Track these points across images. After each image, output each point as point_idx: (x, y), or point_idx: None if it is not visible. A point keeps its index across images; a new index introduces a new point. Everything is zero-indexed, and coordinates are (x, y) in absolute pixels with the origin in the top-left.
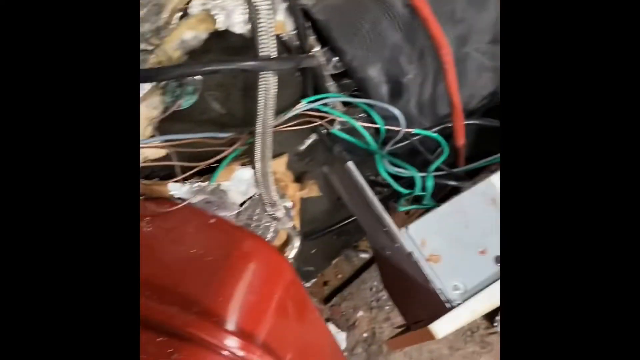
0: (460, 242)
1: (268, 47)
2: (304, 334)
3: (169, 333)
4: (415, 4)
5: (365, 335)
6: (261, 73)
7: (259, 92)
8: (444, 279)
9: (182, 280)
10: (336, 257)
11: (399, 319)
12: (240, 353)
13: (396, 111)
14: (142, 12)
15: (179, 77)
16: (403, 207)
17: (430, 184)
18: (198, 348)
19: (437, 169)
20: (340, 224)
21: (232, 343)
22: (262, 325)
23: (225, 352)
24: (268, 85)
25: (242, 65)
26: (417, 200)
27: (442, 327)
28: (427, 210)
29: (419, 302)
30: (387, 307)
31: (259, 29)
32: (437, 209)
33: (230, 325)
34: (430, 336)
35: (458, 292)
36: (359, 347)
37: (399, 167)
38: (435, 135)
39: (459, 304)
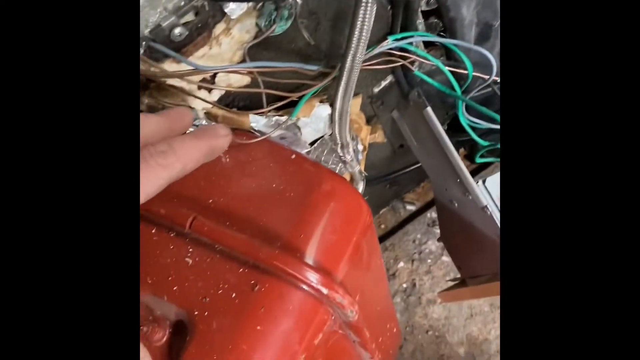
0: None
1: None
2: (370, 277)
3: (252, 265)
4: None
5: (405, 285)
6: None
7: (355, 23)
8: None
9: (263, 213)
10: (384, 207)
11: (440, 273)
12: (324, 290)
13: (489, 55)
14: None
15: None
16: (481, 159)
17: None
18: (281, 281)
19: None
20: (396, 174)
21: (314, 278)
22: (341, 265)
23: (306, 287)
24: (365, 16)
25: None
26: (493, 152)
27: None
28: None
29: (485, 257)
30: (429, 260)
31: None
32: None
33: (311, 262)
34: (498, 291)
35: None
36: (397, 297)
37: (477, 115)
38: None
39: None
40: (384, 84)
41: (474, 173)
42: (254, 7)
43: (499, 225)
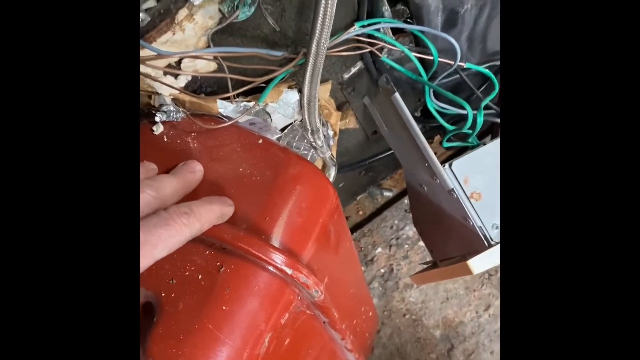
0: None
1: None
2: (339, 260)
3: (217, 247)
4: None
5: (382, 271)
6: None
7: (318, 9)
8: (484, 217)
9: (229, 196)
10: (361, 194)
11: (417, 258)
12: (288, 270)
13: (454, 42)
14: None
15: None
16: (448, 144)
17: (480, 121)
18: (246, 262)
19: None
20: (371, 160)
21: (278, 259)
22: (307, 247)
23: (271, 268)
24: (328, 2)
25: None
26: (461, 137)
27: (479, 263)
28: (472, 148)
29: (453, 240)
30: (406, 246)
31: None
32: (482, 147)
33: (277, 243)
34: (465, 271)
35: (497, 232)
36: (375, 282)
37: (447, 101)
38: (487, 71)
39: (497, 243)
40: (353, 70)
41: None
42: None
43: (465, 207)
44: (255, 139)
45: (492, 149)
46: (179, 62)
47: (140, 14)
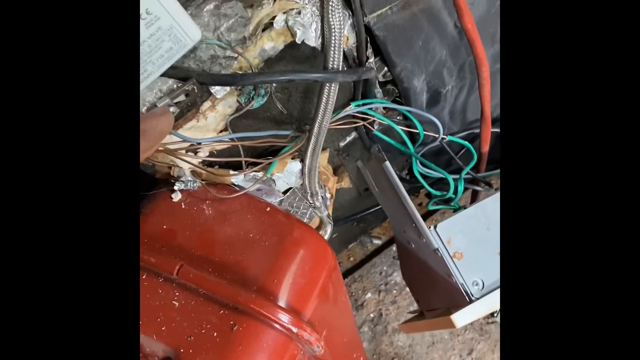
0: (481, 242)
1: (336, 60)
2: (336, 311)
3: (231, 307)
4: (466, 28)
5: (372, 315)
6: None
7: (321, 98)
8: (465, 274)
9: (241, 260)
10: (352, 242)
11: (405, 303)
12: (294, 329)
13: (436, 121)
14: (229, 23)
15: (259, 83)
16: (433, 207)
17: (461, 188)
18: (256, 322)
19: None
20: (362, 213)
21: (285, 319)
22: (309, 305)
23: (278, 327)
24: (330, 93)
25: (314, 77)
26: (445, 201)
27: (462, 317)
28: (454, 211)
29: (438, 292)
30: (394, 291)
31: (331, 45)
32: (463, 211)
33: (283, 304)
34: (449, 325)
35: (477, 288)
36: (365, 326)
37: (429, 168)
38: (467, 143)
39: (478, 299)
40: (348, 139)
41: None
42: (235, 88)
43: (448, 265)
44: (263, 206)
45: (472, 212)
46: (199, 143)
47: (171, 108)
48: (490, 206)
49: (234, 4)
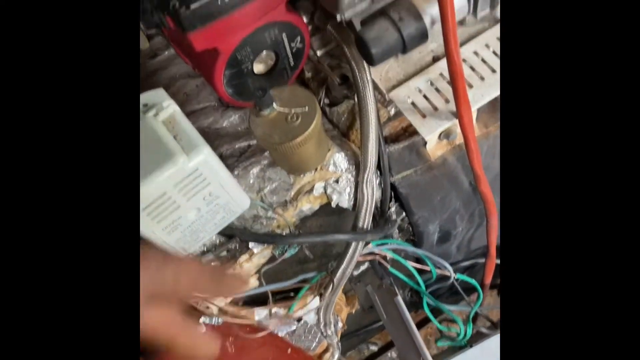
0: None
1: (365, 221)
2: None
3: None
4: (482, 190)
5: None
6: None
7: (348, 251)
8: None
9: None
10: (350, 351)
11: None
12: None
13: (448, 265)
14: (272, 186)
15: (296, 244)
16: (442, 343)
17: (469, 332)
18: None
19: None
20: (366, 329)
21: None
22: None
23: None
24: (356, 248)
25: (346, 238)
26: (452, 338)
27: None
28: (460, 348)
29: None
30: None
31: (362, 209)
32: (470, 350)
33: None
34: None
35: None
36: None
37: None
38: (477, 285)
39: None
40: (362, 268)
41: None
42: None
43: None
44: (285, 346)
45: (476, 352)
46: None
47: (213, 263)
48: (494, 346)
49: (278, 169)
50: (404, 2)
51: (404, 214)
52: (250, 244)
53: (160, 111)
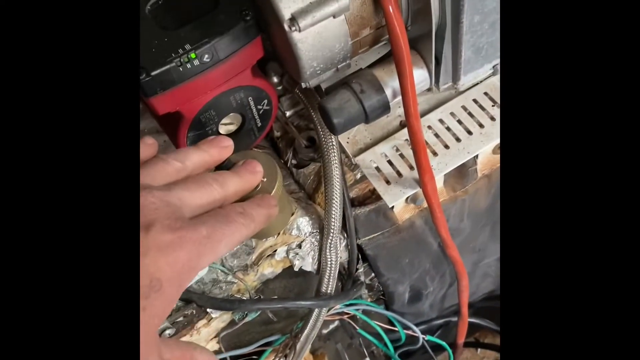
0: None
1: (330, 286)
2: None
3: None
4: (451, 254)
5: None
6: None
7: (311, 316)
8: None
9: None
10: None
11: None
12: None
13: (415, 328)
14: (234, 249)
15: (257, 310)
16: None
17: None
18: None
19: None
20: None
21: None
22: None
23: None
24: (320, 314)
25: (309, 304)
26: None
27: None
28: None
29: None
30: None
31: (326, 273)
32: None
33: None
34: None
35: None
36: None
37: None
38: (445, 344)
39: None
40: (331, 326)
41: None
42: None
43: None
44: None
45: None
46: None
47: (167, 330)
48: None
49: None
50: (366, 73)
51: (372, 274)
52: (209, 310)
53: None
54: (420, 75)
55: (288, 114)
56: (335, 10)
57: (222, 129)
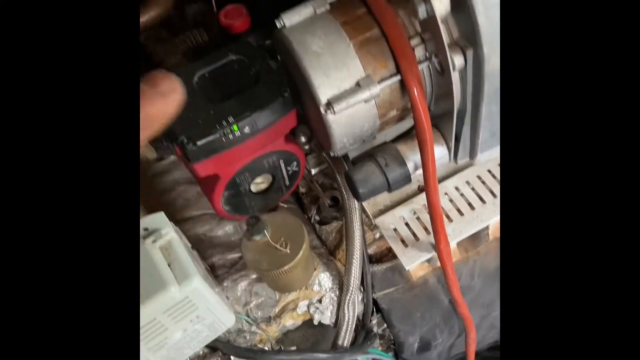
0: None
1: (346, 339)
2: None
3: None
4: (461, 312)
5: None
6: None
7: None
8: None
9: None
10: None
11: None
12: None
13: None
14: (259, 301)
15: None
16: None
17: None
18: None
19: None
20: None
21: None
22: None
23: None
24: None
25: (324, 357)
26: None
27: None
28: None
29: None
30: None
31: (342, 328)
32: None
33: None
34: None
35: None
36: None
37: None
38: None
39: None
40: None
41: None
42: None
43: None
44: None
45: None
46: None
47: None
48: None
49: (265, 285)
50: (390, 148)
51: (385, 325)
52: (232, 357)
53: (159, 238)
54: (440, 152)
55: (313, 172)
56: (367, 97)
57: (254, 187)
